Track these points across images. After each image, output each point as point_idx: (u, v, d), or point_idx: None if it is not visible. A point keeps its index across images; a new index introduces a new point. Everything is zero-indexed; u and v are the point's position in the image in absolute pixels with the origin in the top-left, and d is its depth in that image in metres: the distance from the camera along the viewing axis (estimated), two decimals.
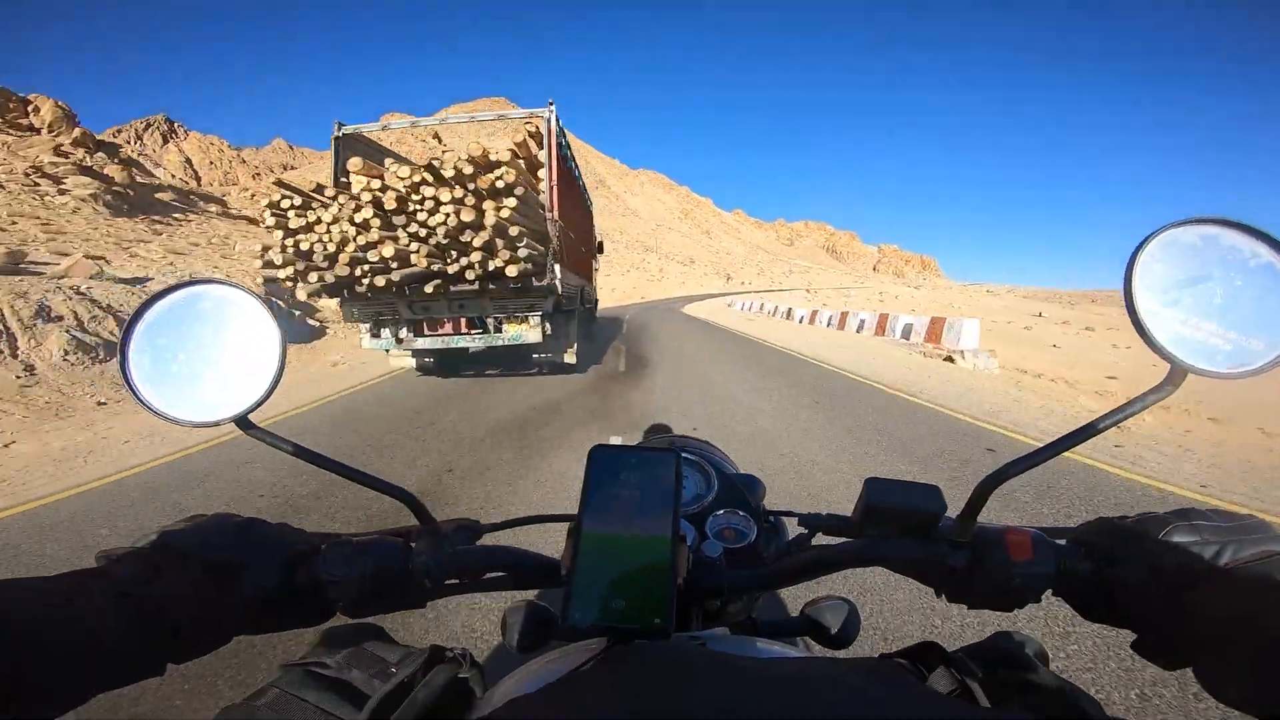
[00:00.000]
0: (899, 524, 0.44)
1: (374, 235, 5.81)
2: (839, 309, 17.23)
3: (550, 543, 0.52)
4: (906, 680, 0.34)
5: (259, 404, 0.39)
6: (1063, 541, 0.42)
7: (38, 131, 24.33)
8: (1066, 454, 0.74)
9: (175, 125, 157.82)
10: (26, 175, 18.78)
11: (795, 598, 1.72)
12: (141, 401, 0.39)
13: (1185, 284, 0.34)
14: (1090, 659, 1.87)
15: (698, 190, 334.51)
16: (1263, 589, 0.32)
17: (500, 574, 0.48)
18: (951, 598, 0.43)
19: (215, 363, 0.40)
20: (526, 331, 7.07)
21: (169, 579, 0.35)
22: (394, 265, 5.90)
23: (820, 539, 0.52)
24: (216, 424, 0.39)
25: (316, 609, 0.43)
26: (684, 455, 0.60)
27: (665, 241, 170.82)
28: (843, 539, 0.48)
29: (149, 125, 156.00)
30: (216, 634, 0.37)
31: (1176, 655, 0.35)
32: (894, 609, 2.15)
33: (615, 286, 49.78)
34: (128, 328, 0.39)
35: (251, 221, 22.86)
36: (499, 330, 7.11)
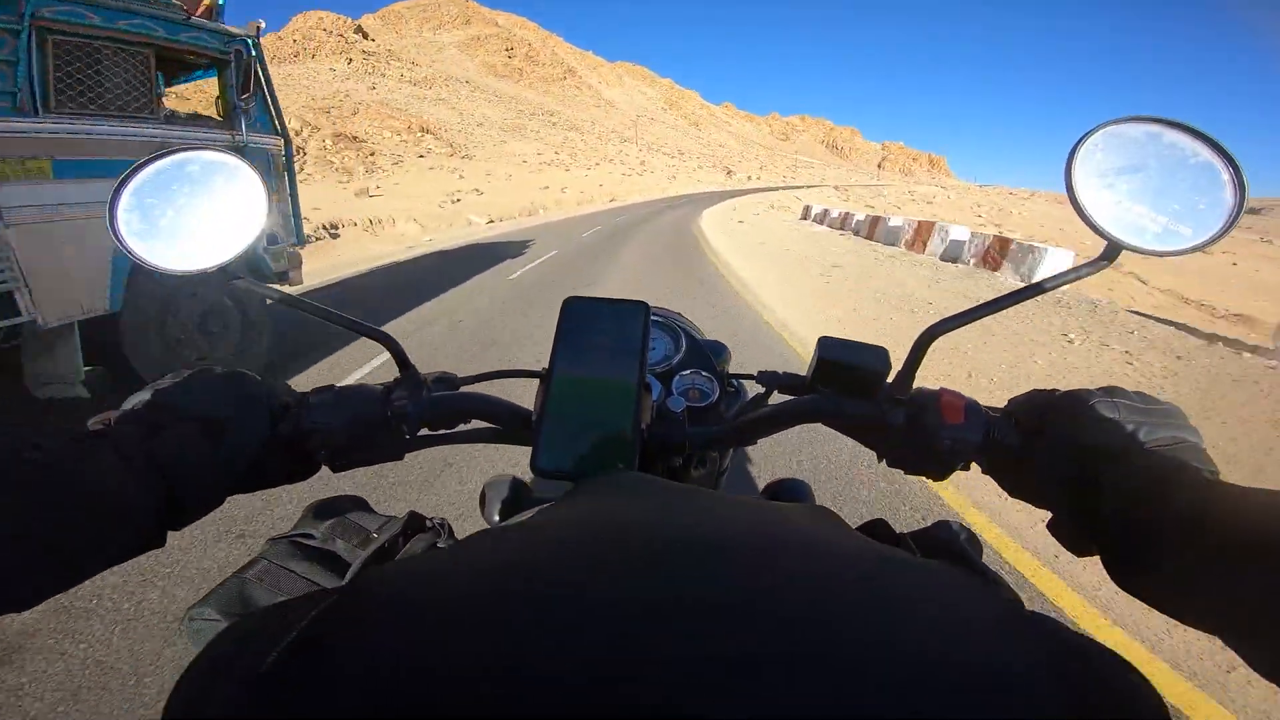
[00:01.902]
0: (847, 381, 0.45)
1: None
2: None
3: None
4: (842, 524, 0.35)
5: (242, 255, 0.40)
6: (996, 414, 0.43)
7: None
8: None
9: None
10: None
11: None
12: (130, 253, 0.39)
13: (1123, 171, 0.36)
14: None
15: (682, 84, 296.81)
16: (1172, 471, 0.32)
17: (475, 426, 0.50)
18: (891, 462, 0.44)
19: (202, 219, 0.41)
20: None
21: (166, 438, 0.34)
22: None
23: (777, 398, 0.53)
24: (201, 272, 0.40)
25: (302, 462, 0.43)
26: (654, 317, 0.62)
27: (648, 133, 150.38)
28: (796, 397, 0.49)
29: None
30: (212, 492, 0.37)
31: (1087, 537, 0.35)
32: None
33: (567, 186, 36.14)
34: (117, 189, 0.39)
35: None
36: None
